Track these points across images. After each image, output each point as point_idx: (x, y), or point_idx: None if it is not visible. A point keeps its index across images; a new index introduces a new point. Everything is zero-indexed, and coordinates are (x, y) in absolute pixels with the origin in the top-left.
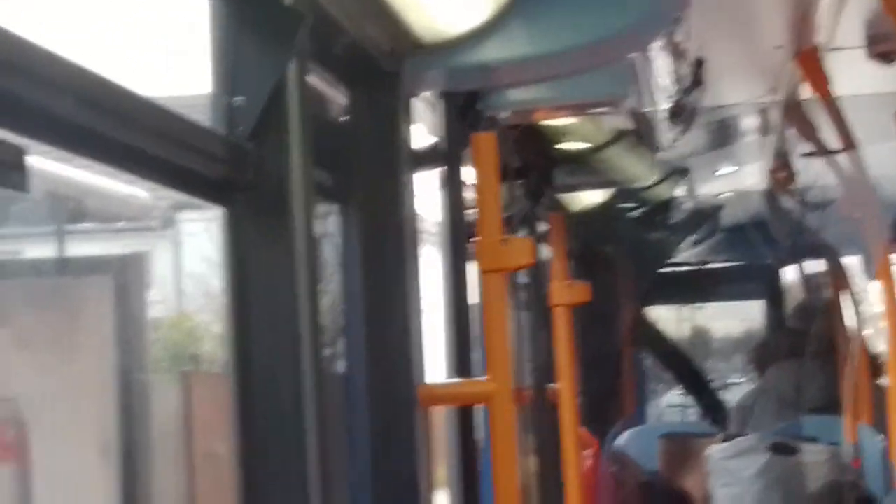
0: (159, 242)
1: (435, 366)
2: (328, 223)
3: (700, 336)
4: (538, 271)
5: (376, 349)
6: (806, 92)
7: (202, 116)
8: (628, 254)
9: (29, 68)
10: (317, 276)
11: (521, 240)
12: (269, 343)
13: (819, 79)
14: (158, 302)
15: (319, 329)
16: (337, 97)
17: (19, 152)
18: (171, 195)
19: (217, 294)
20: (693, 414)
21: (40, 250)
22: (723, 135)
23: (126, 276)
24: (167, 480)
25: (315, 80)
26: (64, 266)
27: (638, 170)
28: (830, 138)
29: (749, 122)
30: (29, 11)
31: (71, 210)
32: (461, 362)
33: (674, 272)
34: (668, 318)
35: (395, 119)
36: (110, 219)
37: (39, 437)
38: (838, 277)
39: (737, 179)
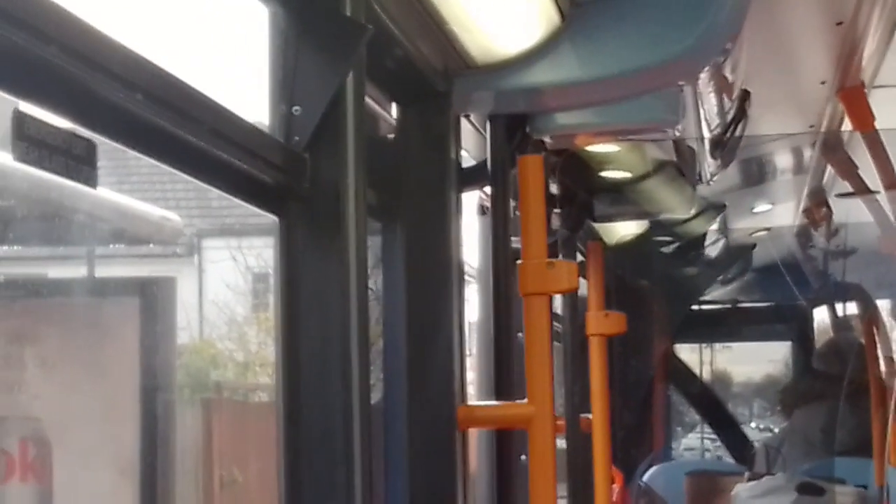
0: (184, 268)
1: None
2: (372, 242)
3: (721, 380)
4: (574, 301)
5: (417, 369)
6: (846, 129)
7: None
8: (661, 288)
9: (102, 62)
10: (367, 288)
11: (565, 263)
12: (318, 349)
13: (862, 115)
14: (182, 328)
15: (368, 340)
16: (385, 116)
17: (91, 147)
18: (196, 222)
19: (240, 322)
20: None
21: (69, 271)
22: (760, 172)
23: (155, 299)
24: None
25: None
26: (92, 287)
27: (676, 203)
28: (869, 177)
29: (786, 160)
30: (104, 6)
31: (102, 231)
32: (501, 386)
33: (704, 310)
34: (692, 360)
35: (444, 138)
36: (140, 241)
37: (62, 456)
38: (871, 320)
39: (771, 218)
